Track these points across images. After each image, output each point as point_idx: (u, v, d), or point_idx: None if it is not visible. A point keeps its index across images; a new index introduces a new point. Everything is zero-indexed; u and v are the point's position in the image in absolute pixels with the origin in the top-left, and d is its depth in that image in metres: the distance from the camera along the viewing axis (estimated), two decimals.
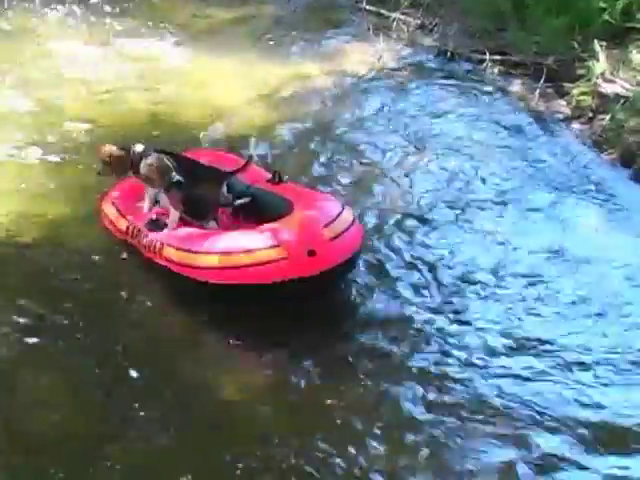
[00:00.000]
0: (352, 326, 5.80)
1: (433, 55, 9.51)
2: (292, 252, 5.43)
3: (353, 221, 5.75)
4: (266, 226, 5.65)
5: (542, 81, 8.73)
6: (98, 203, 6.49)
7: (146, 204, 6.22)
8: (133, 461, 4.74)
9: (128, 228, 6.15)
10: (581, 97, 8.38)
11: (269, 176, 6.33)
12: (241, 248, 5.55)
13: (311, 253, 5.42)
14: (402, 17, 10.10)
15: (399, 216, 6.80)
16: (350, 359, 5.50)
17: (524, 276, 6.20)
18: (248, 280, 5.51)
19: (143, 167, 5.98)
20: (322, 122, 8.21)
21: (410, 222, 6.74)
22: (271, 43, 9.74)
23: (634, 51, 8.53)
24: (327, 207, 5.82)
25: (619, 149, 7.62)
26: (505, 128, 8.15)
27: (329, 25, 10.18)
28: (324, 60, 9.39)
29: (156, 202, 6.20)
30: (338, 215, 5.68)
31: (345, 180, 7.28)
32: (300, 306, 5.58)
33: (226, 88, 8.67)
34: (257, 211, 6.08)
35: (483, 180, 7.36)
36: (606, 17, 8.80)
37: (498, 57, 9.19)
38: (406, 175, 7.39)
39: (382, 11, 10.30)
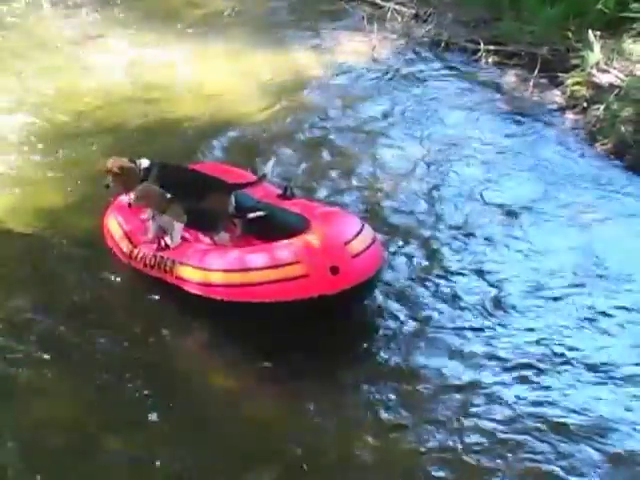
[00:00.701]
0: (371, 341, 5.63)
1: (427, 45, 9.51)
2: (314, 269, 5.19)
3: (374, 238, 5.54)
4: (285, 242, 5.37)
5: (536, 71, 8.73)
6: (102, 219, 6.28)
7: (151, 231, 5.93)
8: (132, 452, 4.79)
9: (132, 252, 5.91)
10: (575, 87, 8.38)
11: (279, 191, 6.11)
12: (260, 265, 5.31)
13: (334, 270, 5.19)
14: (396, 7, 10.10)
15: (405, 221, 6.71)
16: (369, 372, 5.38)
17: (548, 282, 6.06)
18: (267, 298, 5.27)
19: (135, 198, 5.75)
20: (317, 114, 8.20)
21: (418, 229, 6.61)
22: (266, 33, 9.73)
23: (628, 41, 8.53)
24: (347, 224, 5.58)
25: (613, 139, 7.63)
26: (499, 119, 8.16)
27: (324, 15, 10.17)
28: (319, 50, 9.40)
29: (160, 227, 5.93)
30: (359, 232, 5.45)
31: (341, 180, 7.21)
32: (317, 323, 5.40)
33: (221, 80, 8.66)
34: (270, 228, 5.77)
35: (480, 176, 7.33)
36: (600, 7, 8.80)
37: (492, 47, 9.20)
38: (405, 172, 7.33)
39: (376, 1, 10.29)
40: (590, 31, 8.53)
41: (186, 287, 5.60)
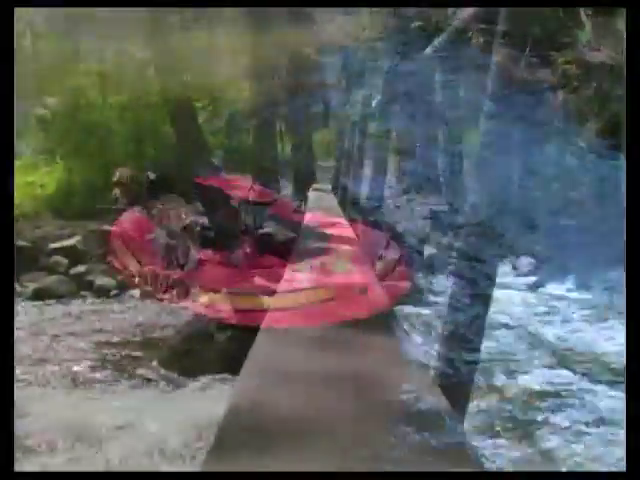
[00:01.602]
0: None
1: (417, 25, 9.46)
2: (342, 291, 4.93)
3: (401, 254, 5.31)
4: (308, 262, 5.11)
5: (527, 50, 8.68)
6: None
7: (161, 251, 5.71)
8: None
9: (141, 272, 5.67)
10: (566, 66, 8.36)
11: (294, 206, 5.86)
12: (285, 288, 4.99)
13: (362, 291, 4.95)
14: None
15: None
16: None
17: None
18: (292, 323, 4.84)
19: (162, 204, 5.59)
20: (309, 94, 8.19)
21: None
22: (257, 14, 9.65)
23: (619, 20, 8.49)
24: (373, 240, 5.35)
25: (604, 118, 7.62)
26: (490, 99, 8.11)
27: None
28: (309, 31, 9.36)
29: (170, 247, 5.72)
30: (386, 248, 5.22)
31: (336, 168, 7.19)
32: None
33: (215, 62, 8.63)
34: (287, 246, 5.51)
35: (469, 160, 7.28)
36: None
37: (483, 26, 9.15)
38: (398, 154, 7.34)
39: None
40: (582, 10, 8.49)
41: (202, 311, 5.35)
